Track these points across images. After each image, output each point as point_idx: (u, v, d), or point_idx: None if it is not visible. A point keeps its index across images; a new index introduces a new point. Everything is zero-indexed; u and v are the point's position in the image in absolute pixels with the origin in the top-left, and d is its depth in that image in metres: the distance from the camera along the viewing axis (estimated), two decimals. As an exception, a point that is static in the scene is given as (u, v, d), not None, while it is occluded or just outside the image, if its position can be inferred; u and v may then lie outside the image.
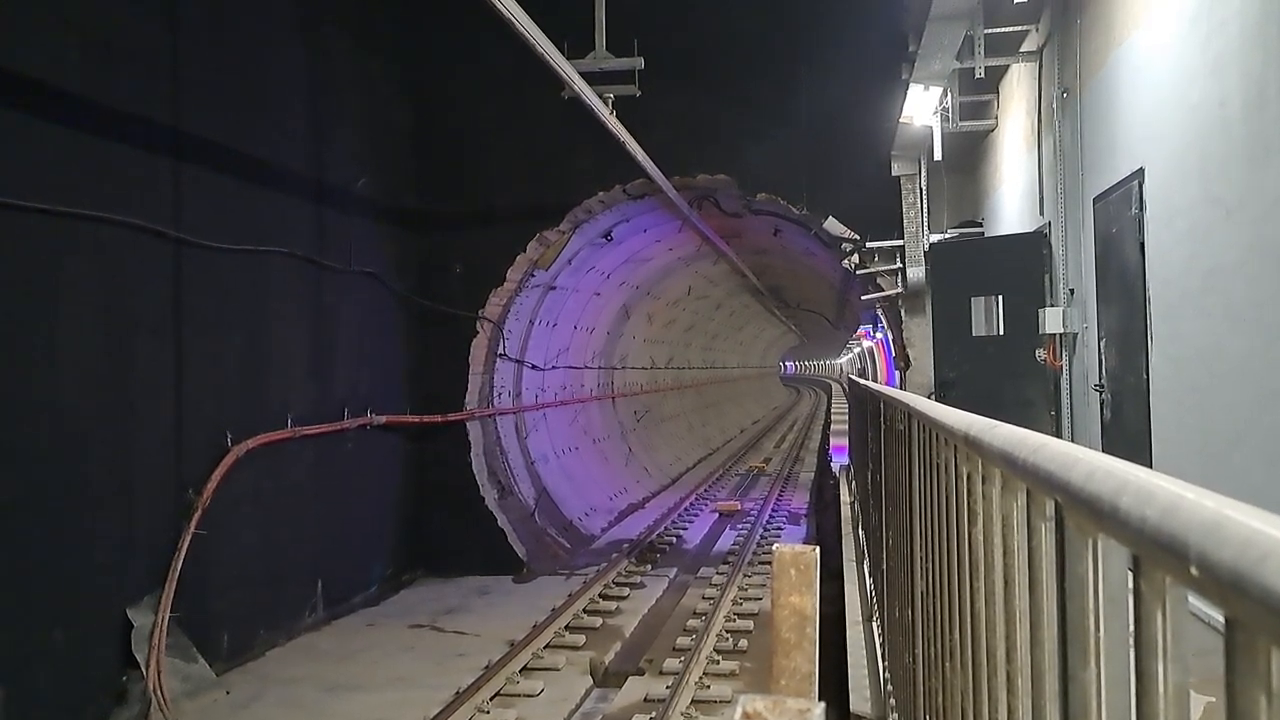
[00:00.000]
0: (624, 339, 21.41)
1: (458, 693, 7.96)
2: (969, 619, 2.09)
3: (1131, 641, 1.00)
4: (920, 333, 12.46)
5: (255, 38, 9.91)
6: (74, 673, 7.37)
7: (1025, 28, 9.60)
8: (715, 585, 11.87)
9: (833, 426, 34.17)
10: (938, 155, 10.90)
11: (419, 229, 13.30)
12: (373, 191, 12.14)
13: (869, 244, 12.77)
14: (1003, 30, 9.56)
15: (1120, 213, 7.08)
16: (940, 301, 10.71)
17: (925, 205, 12.46)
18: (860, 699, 5.02)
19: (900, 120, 10.58)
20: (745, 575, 12.19)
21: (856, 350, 54.25)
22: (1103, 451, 1.12)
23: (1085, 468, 1.09)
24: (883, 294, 12.98)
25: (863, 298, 14.06)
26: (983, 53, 9.39)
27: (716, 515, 17.76)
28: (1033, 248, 9.47)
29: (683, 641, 9.56)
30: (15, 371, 7.01)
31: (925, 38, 8.03)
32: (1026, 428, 1.60)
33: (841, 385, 60.37)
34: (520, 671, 8.78)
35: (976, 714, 2.02)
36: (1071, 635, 1.22)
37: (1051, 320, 8.89)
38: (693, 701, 7.93)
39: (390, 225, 12.65)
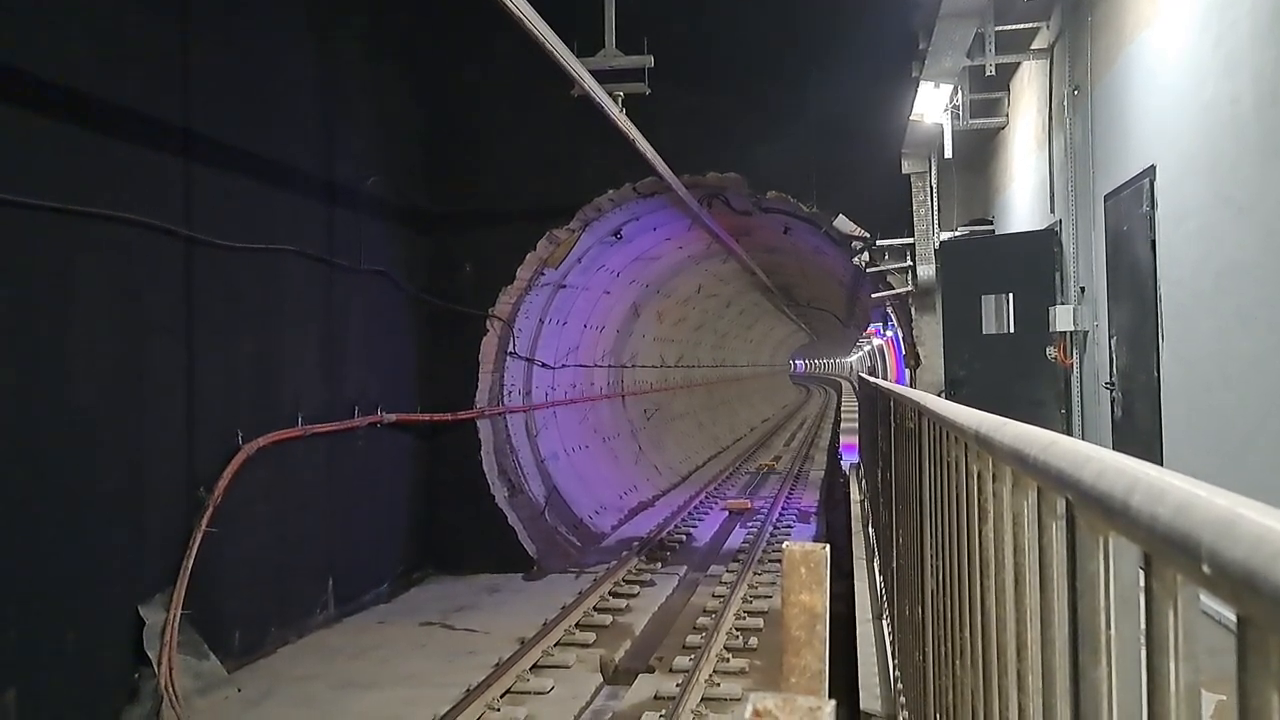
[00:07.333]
0: (634, 337, 21.41)
1: (468, 690, 7.98)
2: (979, 617, 2.09)
3: (1143, 640, 1.00)
4: (930, 331, 12.44)
5: (266, 38, 9.93)
6: (86, 670, 7.41)
7: (1036, 25, 9.56)
8: (725, 583, 11.87)
9: (842, 425, 34.14)
10: (948, 153, 10.87)
11: (429, 228, 13.32)
12: (383, 191, 12.16)
13: (879, 242, 12.74)
14: (1013, 27, 9.53)
15: (1131, 211, 7.06)
16: (950, 299, 10.69)
17: (935, 203, 12.43)
18: (870, 697, 5.02)
19: (910, 118, 10.56)
20: (755, 573, 12.19)
21: (866, 348, 54.14)
22: (1114, 450, 1.12)
23: (1096, 466, 1.09)
24: (893, 292, 12.96)
25: (873, 296, 14.04)
26: (993, 50, 9.36)
27: (726, 513, 17.76)
28: (1043, 245, 9.43)
29: (693, 639, 9.56)
30: (28, 370, 7.04)
31: (936, 35, 8.01)
32: (1037, 426, 1.59)
33: (851, 383, 60.27)
34: (530, 669, 8.79)
35: (987, 712, 2.02)
36: (1082, 633, 1.22)
37: (1062, 318, 8.86)
38: (703, 699, 7.94)
39: (400, 224, 12.68)
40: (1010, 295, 9.71)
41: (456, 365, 13.44)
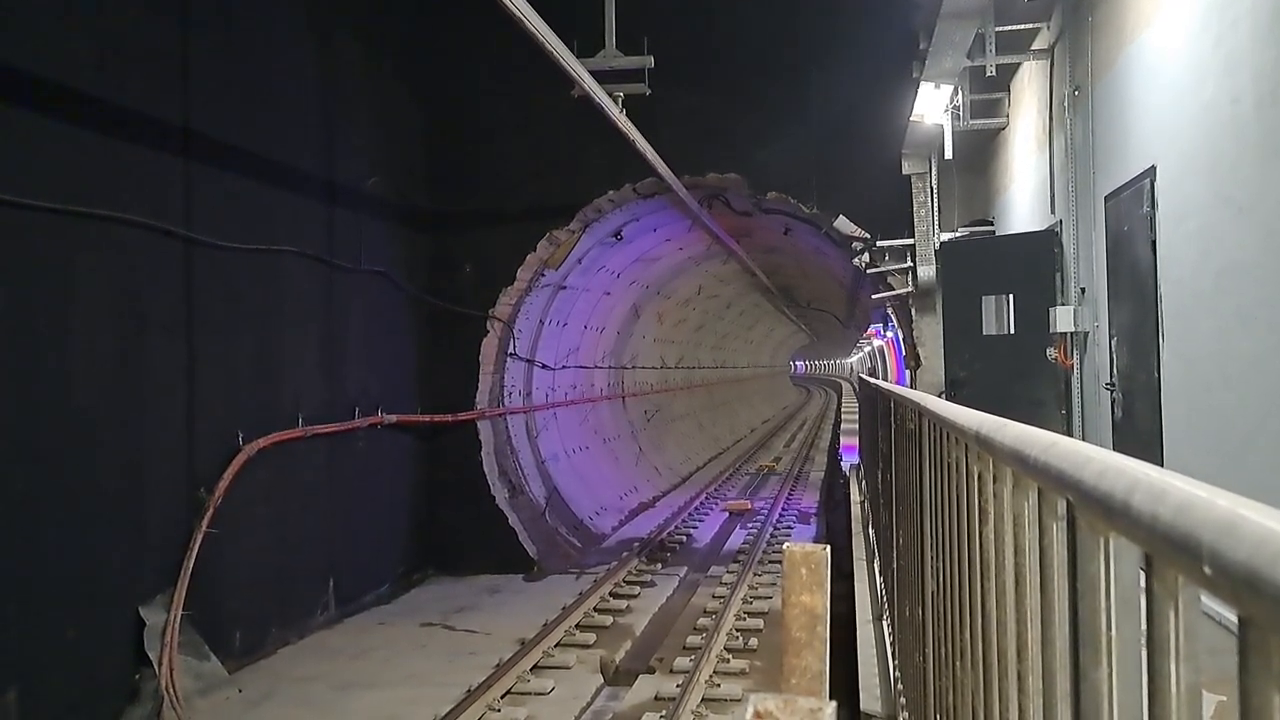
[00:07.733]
0: (634, 338, 21.41)
1: (469, 691, 7.98)
2: (980, 618, 2.09)
3: (1143, 641, 1.00)
4: (931, 331, 12.44)
5: (266, 38, 9.94)
6: (86, 671, 7.41)
7: (1036, 25, 9.57)
8: (725, 584, 11.86)
9: (843, 426, 34.13)
10: (948, 154, 10.87)
11: (429, 229, 13.32)
12: (383, 191, 12.16)
13: (879, 243, 12.74)
14: (1014, 28, 9.53)
15: (1131, 211, 7.06)
16: (951, 300, 10.69)
17: (936, 204, 12.43)
18: (870, 698, 5.02)
19: (911, 119, 10.55)
20: (755, 574, 12.18)
21: (867, 349, 54.11)
22: (1114, 450, 1.12)
23: (1097, 466, 1.09)
24: (893, 293, 12.95)
25: (873, 296, 14.03)
26: (994, 50, 9.36)
27: (726, 514, 17.76)
28: (1044, 246, 9.43)
29: (693, 640, 9.56)
30: (28, 371, 7.04)
31: (936, 35, 8.01)
32: (1037, 426, 1.59)
33: (852, 384, 60.26)
34: (531, 670, 8.79)
35: (987, 713, 2.01)
36: (1083, 635, 1.22)
37: (1063, 319, 8.86)
38: (703, 700, 7.93)
39: (401, 225, 12.68)
40: (1010, 296, 9.71)
41: (457, 366, 13.44)
